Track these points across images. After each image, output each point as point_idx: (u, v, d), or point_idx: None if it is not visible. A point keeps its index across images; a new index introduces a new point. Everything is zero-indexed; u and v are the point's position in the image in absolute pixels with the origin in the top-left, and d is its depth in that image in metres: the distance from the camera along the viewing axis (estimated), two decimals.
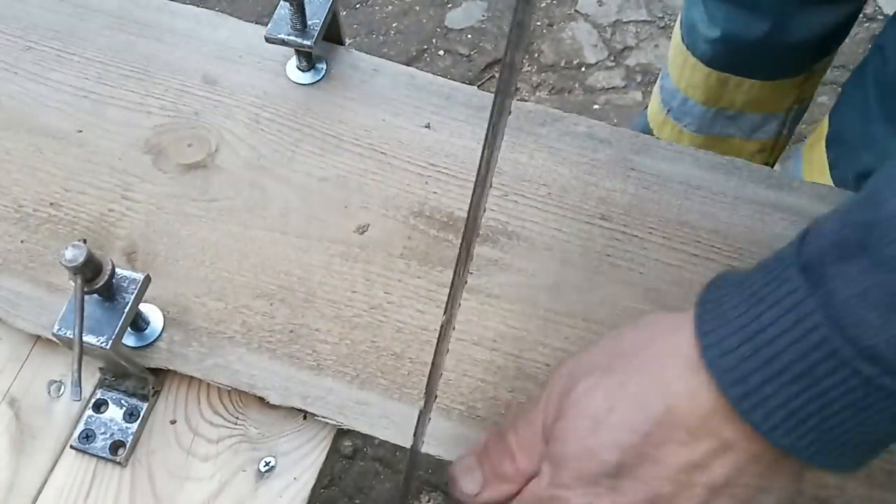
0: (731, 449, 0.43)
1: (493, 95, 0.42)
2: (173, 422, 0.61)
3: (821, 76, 1.25)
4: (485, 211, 0.53)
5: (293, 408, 0.60)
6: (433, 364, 0.52)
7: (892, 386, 0.37)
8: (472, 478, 0.54)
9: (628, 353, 0.48)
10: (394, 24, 1.97)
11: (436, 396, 0.59)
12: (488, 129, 0.41)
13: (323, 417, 0.59)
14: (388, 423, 0.59)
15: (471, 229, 0.46)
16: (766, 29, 1.09)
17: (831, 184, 0.99)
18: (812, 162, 1.05)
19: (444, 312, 0.49)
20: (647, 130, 1.40)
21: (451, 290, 0.49)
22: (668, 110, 1.32)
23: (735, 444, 0.43)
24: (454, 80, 0.74)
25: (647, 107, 1.46)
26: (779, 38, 1.10)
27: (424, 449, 0.59)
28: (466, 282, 0.62)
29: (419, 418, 0.54)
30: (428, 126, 0.71)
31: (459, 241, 0.46)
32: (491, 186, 0.67)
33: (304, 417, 0.61)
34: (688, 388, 0.43)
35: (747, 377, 0.40)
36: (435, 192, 0.68)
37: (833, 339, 0.37)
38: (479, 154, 0.43)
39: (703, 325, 0.43)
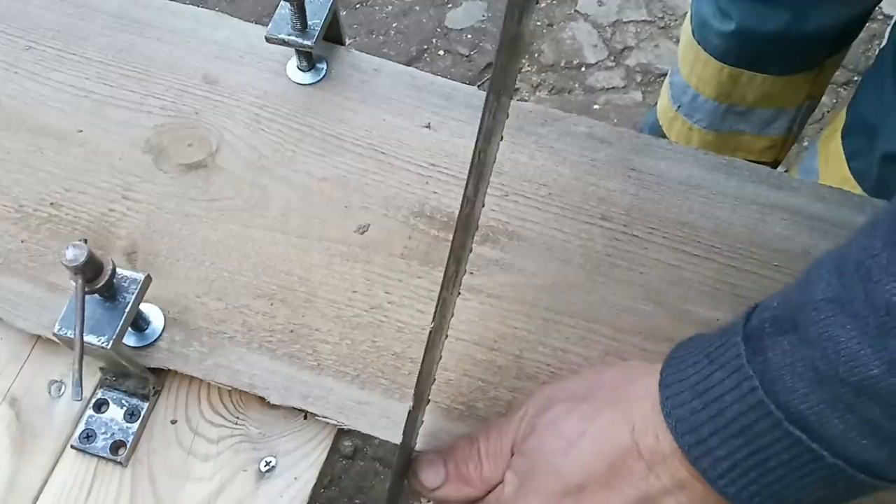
0: (684, 489, 0.46)
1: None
2: (174, 422, 0.61)
3: (833, 71, 1.25)
4: (474, 232, 0.53)
5: (294, 408, 0.60)
6: (421, 373, 0.52)
7: (818, 450, 0.41)
8: (434, 472, 0.56)
9: (606, 387, 0.52)
10: (394, 24, 1.97)
11: (428, 400, 0.59)
12: (479, 134, 0.41)
13: (323, 417, 0.59)
14: (389, 422, 0.59)
15: (456, 261, 0.47)
16: (786, 21, 1.09)
17: (849, 175, 0.99)
18: (828, 154, 1.05)
19: (433, 319, 0.49)
20: (657, 127, 1.40)
21: (437, 303, 0.49)
22: (679, 106, 1.32)
23: (688, 485, 0.46)
24: (454, 80, 0.74)
25: (655, 104, 1.46)
26: (796, 31, 1.10)
27: (425, 448, 0.59)
28: (460, 293, 0.62)
29: (407, 422, 0.55)
30: (428, 126, 0.71)
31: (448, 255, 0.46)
32: (487, 189, 0.67)
33: (305, 417, 0.61)
34: (653, 428, 0.47)
35: (698, 428, 0.44)
36: (435, 192, 0.68)
37: (767, 402, 0.42)
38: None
39: (665, 378, 0.47)
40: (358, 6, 1.99)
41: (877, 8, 1.92)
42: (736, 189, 0.68)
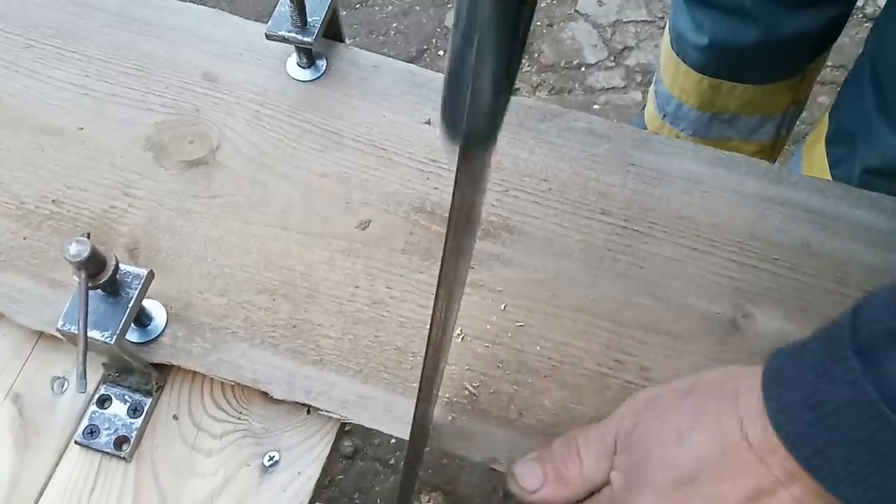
0: (797, 480, 0.46)
1: None
2: (175, 417, 0.61)
3: (816, 75, 1.24)
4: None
5: (297, 402, 0.60)
6: (423, 376, 0.52)
7: None
8: (532, 475, 0.55)
9: (709, 383, 0.51)
10: (394, 24, 1.97)
11: (434, 402, 0.59)
12: None
13: (326, 412, 0.60)
14: (391, 416, 0.60)
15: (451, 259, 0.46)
16: (756, 35, 1.08)
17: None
18: (812, 160, 1.05)
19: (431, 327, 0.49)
20: None
21: (433, 316, 0.49)
22: (664, 115, 1.31)
23: (799, 477, 0.46)
24: None
25: (644, 107, 1.46)
26: (771, 41, 1.09)
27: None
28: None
29: (414, 423, 0.55)
30: (428, 122, 0.71)
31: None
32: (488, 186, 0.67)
33: (308, 412, 0.61)
34: (760, 421, 0.47)
35: (814, 439, 0.44)
36: (436, 188, 0.68)
37: (889, 413, 0.42)
38: None
39: (769, 393, 0.47)
40: (358, 6, 1.99)
41: (877, 8, 1.93)
42: (735, 183, 0.69)
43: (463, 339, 0.62)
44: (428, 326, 0.62)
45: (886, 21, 0.90)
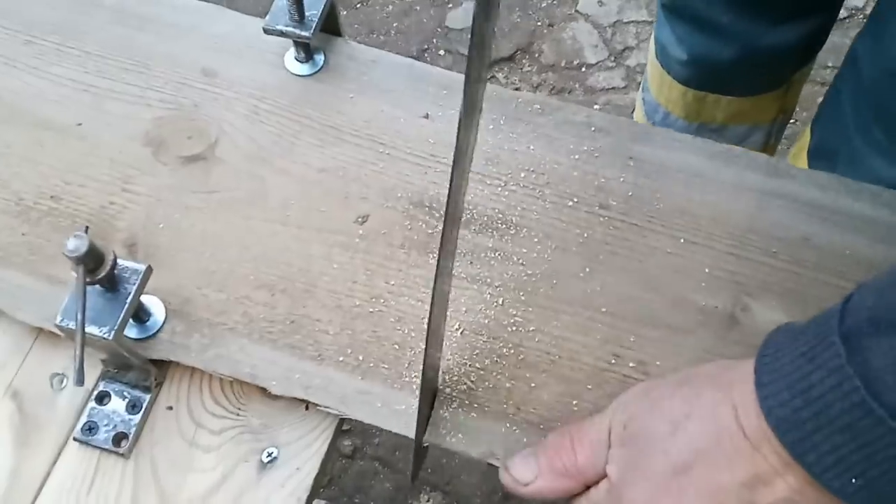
0: (792, 468, 0.46)
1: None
2: (170, 408, 0.61)
3: (802, 84, 1.23)
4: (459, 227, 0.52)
5: (295, 398, 0.60)
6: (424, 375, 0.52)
7: None
8: (526, 467, 0.55)
9: (703, 374, 0.52)
10: (394, 24, 1.97)
11: (434, 394, 0.59)
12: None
13: (325, 407, 0.60)
14: (390, 412, 0.59)
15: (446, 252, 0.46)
16: (736, 50, 1.08)
17: None
18: None
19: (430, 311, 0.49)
20: None
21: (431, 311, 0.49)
22: (653, 123, 1.31)
23: (793, 467, 0.46)
24: None
25: (633, 110, 1.45)
26: (750, 58, 1.09)
27: (425, 438, 0.59)
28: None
29: (419, 417, 0.54)
30: (427, 116, 0.71)
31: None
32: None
33: (307, 408, 0.61)
34: (755, 409, 0.46)
35: (800, 425, 0.44)
36: (434, 183, 0.68)
37: (870, 401, 0.42)
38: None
39: (761, 377, 0.46)
40: (358, 6, 1.99)
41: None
42: (734, 177, 0.68)
43: (461, 333, 0.62)
44: (426, 320, 0.62)
45: (863, 49, 0.90)
